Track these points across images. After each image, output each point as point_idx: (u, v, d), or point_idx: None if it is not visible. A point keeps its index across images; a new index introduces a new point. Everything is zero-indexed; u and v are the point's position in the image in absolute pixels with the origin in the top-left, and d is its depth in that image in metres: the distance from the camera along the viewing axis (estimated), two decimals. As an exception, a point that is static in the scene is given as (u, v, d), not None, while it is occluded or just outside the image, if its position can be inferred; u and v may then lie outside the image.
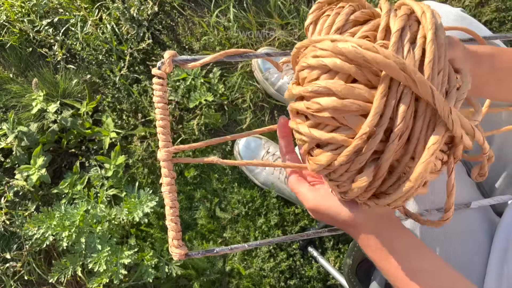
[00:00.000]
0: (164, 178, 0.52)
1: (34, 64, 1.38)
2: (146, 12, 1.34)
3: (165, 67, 0.54)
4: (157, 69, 0.54)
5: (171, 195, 0.52)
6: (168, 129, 0.53)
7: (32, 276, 1.24)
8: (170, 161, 0.53)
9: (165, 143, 0.53)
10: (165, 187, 0.52)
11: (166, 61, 0.54)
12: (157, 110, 0.53)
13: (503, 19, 1.35)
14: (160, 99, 0.53)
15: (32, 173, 1.22)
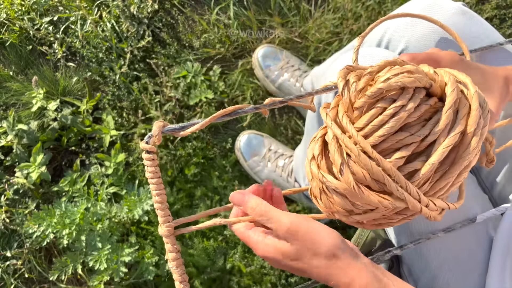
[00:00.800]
0: (169, 254, 0.51)
1: (34, 62, 1.37)
2: (146, 9, 1.34)
3: (153, 140, 0.51)
4: (145, 143, 0.52)
5: (179, 270, 0.50)
6: (165, 203, 0.51)
7: (32, 274, 1.24)
8: (173, 236, 0.51)
9: (164, 218, 0.51)
10: (172, 262, 0.50)
11: (155, 133, 0.51)
12: (152, 186, 0.51)
13: (503, 16, 1.35)
14: (153, 175, 0.51)
15: (32, 170, 1.22)
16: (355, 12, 1.34)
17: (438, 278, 0.65)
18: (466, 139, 0.43)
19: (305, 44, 1.34)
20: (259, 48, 1.32)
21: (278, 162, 1.24)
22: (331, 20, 1.33)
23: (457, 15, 0.68)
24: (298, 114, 1.35)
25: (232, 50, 1.35)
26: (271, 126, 1.33)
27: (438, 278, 0.65)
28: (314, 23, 1.33)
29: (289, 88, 1.27)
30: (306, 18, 1.35)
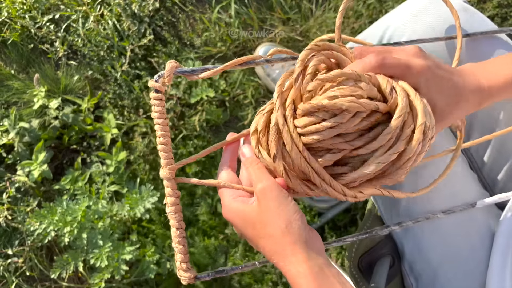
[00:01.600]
0: (168, 198, 0.49)
1: (35, 61, 1.38)
2: (148, 8, 1.34)
3: (163, 79, 0.50)
4: (154, 81, 0.50)
5: (177, 215, 0.49)
6: (169, 146, 0.50)
7: (33, 272, 1.24)
8: (173, 180, 0.50)
9: (167, 161, 0.50)
10: (170, 207, 0.49)
11: (167, 73, 0.50)
12: (157, 127, 0.50)
13: (505, 15, 1.35)
14: (159, 115, 0.50)
15: (34, 168, 1.22)
16: (356, 10, 1.34)
17: (439, 275, 0.65)
18: (402, 159, 0.45)
19: (306, 43, 1.34)
20: (260, 46, 1.32)
21: None
22: (332, 19, 1.33)
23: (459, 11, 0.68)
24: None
25: (233, 48, 1.35)
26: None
27: (439, 275, 0.65)
28: (315, 21, 1.33)
29: None
30: (307, 16, 1.35)
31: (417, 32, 0.70)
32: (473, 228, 0.65)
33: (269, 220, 0.45)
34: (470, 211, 0.64)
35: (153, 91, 0.50)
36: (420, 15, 0.70)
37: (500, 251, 0.63)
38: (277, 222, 0.44)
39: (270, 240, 0.45)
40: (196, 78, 0.51)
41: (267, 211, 0.45)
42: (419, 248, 0.67)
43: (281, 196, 0.45)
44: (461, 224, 0.65)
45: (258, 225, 0.45)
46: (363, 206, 1.28)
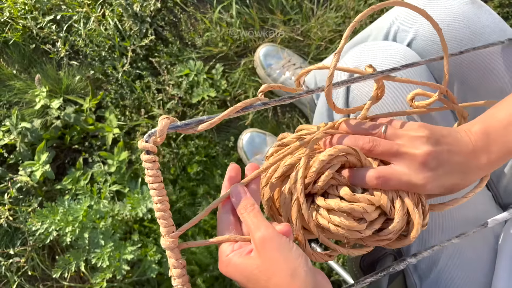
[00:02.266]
0: (174, 270, 0.44)
1: (37, 61, 1.38)
2: (149, 8, 1.34)
3: (154, 139, 0.44)
4: (144, 142, 0.44)
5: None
6: (168, 212, 0.45)
7: (35, 271, 1.25)
8: (177, 249, 0.45)
9: (167, 229, 0.45)
10: (177, 280, 0.44)
11: (161, 132, 0.44)
12: (152, 192, 0.44)
13: (506, 15, 1.35)
14: (153, 179, 0.44)
15: (36, 169, 1.23)
16: (358, 10, 1.34)
17: (444, 274, 0.65)
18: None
19: (307, 43, 1.34)
20: (261, 46, 1.32)
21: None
22: (333, 19, 1.33)
23: (466, 4, 0.68)
24: (301, 113, 1.35)
25: (235, 48, 1.35)
26: (273, 124, 1.33)
27: (443, 273, 0.65)
28: (316, 21, 1.33)
29: (291, 87, 1.27)
30: (309, 16, 1.35)
31: (425, 25, 0.70)
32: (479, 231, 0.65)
33: (273, 271, 0.42)
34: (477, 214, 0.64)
35: (144, 152, 0.44)
36: (428, 7, 0.70)
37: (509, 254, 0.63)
38: (281, 273, 0.41)
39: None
40: (193, 132, 0.46)
41: (269, 262, 0.42)
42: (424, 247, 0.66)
43: (282, 244, 0.43)
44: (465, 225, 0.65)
45: (262, 277, 0.42)
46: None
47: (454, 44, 0.67)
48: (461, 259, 0.64)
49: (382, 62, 0.65)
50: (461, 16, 0.67)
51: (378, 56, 0.66)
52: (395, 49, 0.67)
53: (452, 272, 0.65)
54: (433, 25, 0.55)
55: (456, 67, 0.68)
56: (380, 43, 0.69)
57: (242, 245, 0.46)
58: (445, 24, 0.67)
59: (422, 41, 0.71)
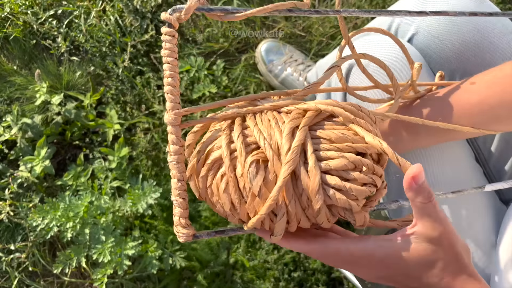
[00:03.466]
0: (171, 146, 0.43)
1: (38, 56, 1.38)
2: (150, 4, 1.34)
3: (179, 14, 0.44)
4: (168, 14, 0.44)
5: (179, 166, 0.43)
6: (177, 89, 0.44)
7: (36, 267, 1.25)
8: (179, 126, 0.44)
9: (173, 105, 0.44)
10: (172, 156, 0.43)
11: (188, 10, 0.43)
12: (166, 66, 0.44)
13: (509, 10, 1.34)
14: (169, 52, 0.44)
15: (36, 164, 1.22)
16: (359, 6, 1.33)
17: None
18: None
19: (309, 39, 1.34)
20: (262, 42, 1.31)
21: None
22: (335, 14, 1.32)
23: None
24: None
25: (236, 44, 1.35)
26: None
27: None
28: (317, 17, 1.33)
29: (292, 83, 1.27)
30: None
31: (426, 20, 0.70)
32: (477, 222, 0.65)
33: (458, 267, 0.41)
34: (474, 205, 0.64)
35: (166, 25, 0.44)
36: (431, 1, 0.70)
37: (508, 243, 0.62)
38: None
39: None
40: (218, 18, 0.45)
41: (456, 257, 0.41)
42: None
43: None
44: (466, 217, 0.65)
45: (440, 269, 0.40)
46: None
47: (456, 39, 0.67)
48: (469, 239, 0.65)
49: (383, 56, 0.65)
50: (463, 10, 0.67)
51: (378, 50, 0.66)
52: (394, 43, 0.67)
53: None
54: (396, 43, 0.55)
55: (458, 62, 0.68)
56: (380, 37, 0.69)
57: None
58: (448, 18, 0.67)
59: (423, 36, 0.70)
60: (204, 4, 0.44)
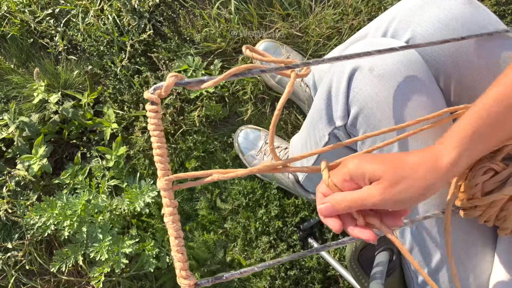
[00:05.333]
0: (166, 208, 0.50)
1: (35, 55, 1.38)
2: (147, 3, 1.34)
3: (159, 92, 0.50)
4: (150, 93, 0.50)
5: (174, 225, 0.50)
6: (165, 157, 0.51)
7: (33, 265, 1.25)
8: (171, 190, 0.51)
9: (164, 172, 0.51)
10: (168, 217, 0.50)
11: (167, 86, 0.49)
12: (153, 139, 0.50)
13: (503, 13, 1.36)
14: (155, 127, 0.50)
15: (34, 163, 1.23)
16: (355, 7, 1.34)
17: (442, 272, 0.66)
18: None
19: (306, 39, 1.35)
20: (259, 42, 1.32)
21: None
22: (331, 15, 1.33)
23: (464, 4, 0.69)
24: (298, 109, 1.35)
25: (233, 44, 1.35)
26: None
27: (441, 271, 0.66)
28: (314, 18, 1.34)
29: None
30: (307, 13, 1.36)
31: (422, 25, 0.70)
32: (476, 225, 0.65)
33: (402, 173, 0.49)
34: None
35: (149, 103, 0.50)
36: (426, 6, 0.71)
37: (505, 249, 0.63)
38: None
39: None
40: (197, 88, 0.51)
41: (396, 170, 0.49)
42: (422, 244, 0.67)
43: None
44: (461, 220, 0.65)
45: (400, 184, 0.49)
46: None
47: (451, 44, 0.68)
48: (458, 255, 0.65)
49: (385, 60, 0.65)
50: (458, 16, 0.68)
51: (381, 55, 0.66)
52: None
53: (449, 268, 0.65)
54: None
55: (454, 66, 0.69)
56: (381, 41, 0.70)
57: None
58: (443, 24, 0.68)
59: (419, 41, 0.71)
60: (181, 78, 0.49)
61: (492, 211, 0.56)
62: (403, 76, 0.64)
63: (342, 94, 0.71)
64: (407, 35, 0.73)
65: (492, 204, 0.55)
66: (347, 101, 0.70)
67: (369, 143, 0.69)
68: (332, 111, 0.77)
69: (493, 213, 0.56)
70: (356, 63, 0.68)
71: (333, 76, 0.73)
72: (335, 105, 0.74)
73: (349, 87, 0.69)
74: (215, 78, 0.51)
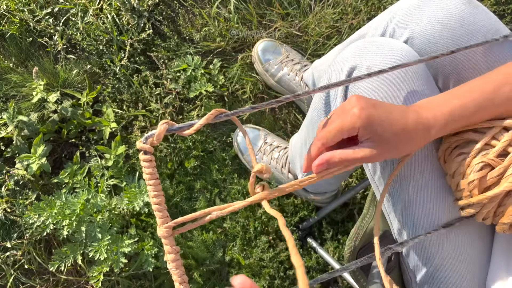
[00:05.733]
0: (169, 255, 0.51)
1: (34, 54, 1.37)
2: (147, 2, 1.34)
3: (151, 140, 0.51)
4: (142, 143, 0.51)
5: (178, 271, 0.50)
6: (163, 205, 0.52)
7: (32, 265, 1.25)
8: (171, 237, 0.51)
9: (163, 220, 0.51)
10: (171, 264, 0.50)
11: (159, 135, 0.50)
12: (149, 188, 0.51)
13: (502, 12, 1.36)
14: (150, 176, 0.51)
15: (32, 162, 1.23)
16: (355, 6, 1.34)
17: (439, 271, 0.66)
18: None
19: (305, 38, 1.35)
20: (259, 42, 1.32)
21: (273, 154, 1.25)
22: (331, 15, 1.33)
23: (463, 4, 0.68)
24: (298, 108, 1.35)
25: (232, 43, 1.35)
26: (270, 120, 1.34)
27: (439, 271, 0.66)
28: (314, 17, 1.34)
29: (289, 82, 1.28)
30: (306, 12, 1.36)
31: (421, 24, 0.70)
32: (473, 225, 0.65)
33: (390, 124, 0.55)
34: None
35: (142, 153, 0.51)
36: (425, 6, 0.70)
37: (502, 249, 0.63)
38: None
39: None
40: (187, 134, 0.53)
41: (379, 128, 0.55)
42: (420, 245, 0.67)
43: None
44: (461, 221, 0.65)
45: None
46: (360, 201, 1.29)
47: (450, 44, 0.68)
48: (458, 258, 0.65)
49: (383, 60, 0.65)
50: (457, 15, 0.68)
51: (378, 53, 0.66)
52: (396, 47, 0.67)
53: (448, 270, 0.65)
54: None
55: (452, 66, 0.69)
56: (380, 40, 0.69)
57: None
58: (442, 24, 0.68)
59: (418, 40, 0.71)
60: (172, 125, 0.51)
61: (490, 207, 0.55)
62: (401, 76, 0.64)
63: (341, 93, 0.71)
64: (406, 35, 0.72)
65: (490, 200, 0.55)
66: (346, 93, 0.70)
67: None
68: (331, 110, 0.77)
69: (491, 209, 0.56)
70: (355, 62, 0.67)
71: (331, 75, 0.73)
72: (333, 104, 0.74)
73: (347, 86, 0.69)
74: (200, 120, 0.52)
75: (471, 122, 0.57)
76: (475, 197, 0.56)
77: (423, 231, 0.65)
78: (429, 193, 0.64)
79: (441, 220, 0.64)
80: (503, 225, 0.56)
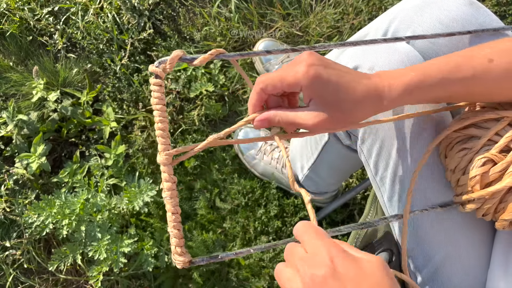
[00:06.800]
0: (165, 183, 0.50)
1: (34, 53, 1.37)
2: (147, 1, 1.34)
3: (164, 66, 0.51)
4: (155, 67, 0.51)
5: (172, 200, 0.49)
6: (167, 132, 0.51)
7: (31, 264, 1.24)
8: (170, 165, 0.50)
9: (164, 146, 0.50)
10: (166, 192, 0.50)
11: (171, 60, 0.50)
12: (156, 112, 0.50)
13: (503, 13, 1.35)
14: (158, 101, 0.51)
15: (32, 161, 1.22)
16: (356, 7, 1.34)
17: (440, 272, 0.66)
18: None
19: (306, 38, 1.35)
20: (260, 41, 1.32)
21: (273, 154, 1.24)
22: (332, 15, 1.33)
23: (465, 5, 0.68)
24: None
25: (233, 43, 1.35)
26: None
27: (440, 271, 0.66)
28: (315, 17, 1.34)
29: None
30: (307, 12, 1.35)
31: (423, 25, 0.70)
32: (474, 225, 0.65)
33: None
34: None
35: (153, 76, 0.51)
36: (427, 7, 0.70)
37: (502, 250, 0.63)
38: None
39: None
40: (199, 64, 0.53)
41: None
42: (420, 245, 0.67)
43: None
44: (462, 220, 0.65)
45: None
46: (360, 202, 1.29)
47: (450, 44, 0.68)
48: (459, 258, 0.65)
49: (385, 60, 0.65)
50: (459, 17, 0.67)
51: (380, 54, 0.66)
52: (399, 47, 0.67)
53: (449, 270, 0.65)
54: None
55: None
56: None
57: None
58: (443, 25, 0.68)
59: (420, 42, 0.71)
60: (185, 55, 0.52)
61: (491, 203, 0.55)
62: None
63: None
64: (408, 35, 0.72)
65: (492, 196, 0.54)
66: None
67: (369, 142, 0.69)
68: None
69: (492, 205, 0.55)
70: (356, 62, 0.67)
71: None
72: None
73: None
74: (205, 55, 0.53)
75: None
76: (476, 192, 0.55)
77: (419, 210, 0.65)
78: (429, 183, 0.64)
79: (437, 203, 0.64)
80: (504, 222, 0.55)
